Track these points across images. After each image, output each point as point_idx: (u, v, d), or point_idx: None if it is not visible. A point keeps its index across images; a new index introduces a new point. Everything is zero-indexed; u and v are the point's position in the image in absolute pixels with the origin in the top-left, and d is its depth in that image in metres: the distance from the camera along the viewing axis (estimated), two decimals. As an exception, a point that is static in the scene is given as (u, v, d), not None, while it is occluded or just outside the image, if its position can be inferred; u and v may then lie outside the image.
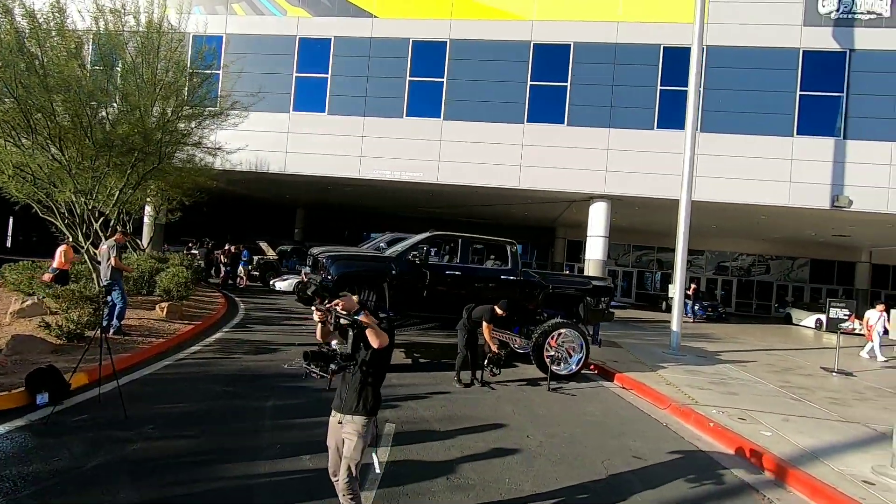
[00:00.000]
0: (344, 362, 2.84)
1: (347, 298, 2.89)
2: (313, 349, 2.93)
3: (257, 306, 13.49)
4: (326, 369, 2.85)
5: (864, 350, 12.62)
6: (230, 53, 14.17)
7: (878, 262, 25.19)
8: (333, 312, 2.80)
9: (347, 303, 2.86)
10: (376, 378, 3.02)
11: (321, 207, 27.88)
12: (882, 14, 14.34)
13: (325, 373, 2.86)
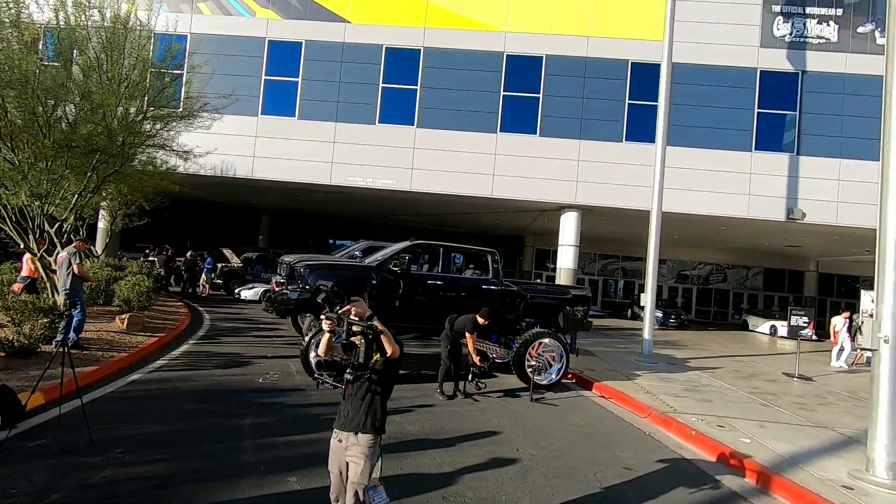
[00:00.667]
0: (358, 371, 2.69)
1: (360, 303, 2.75)
2: (326, 358, 2.76)
3: (223, 316, 12.94)
4: (340, 379, 2.69)
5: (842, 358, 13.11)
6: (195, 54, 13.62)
7: (824, 272, 26.69)
8: (346, 319, 2.66)
9: (360, 308, 2.72)
10: (385, 391, 2.87)
11: (287, 214, 27.21)
12: (830, 39, 15.28)
13: (338, 382, 2.70)
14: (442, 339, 6.99)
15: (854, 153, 15.02)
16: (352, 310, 2.73)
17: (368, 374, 2.75)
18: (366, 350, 2.74)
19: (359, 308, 2.73)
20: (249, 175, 15.88)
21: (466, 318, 6.94)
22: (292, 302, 7.05)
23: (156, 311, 11.36)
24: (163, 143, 9.17)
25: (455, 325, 6.96)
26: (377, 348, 2.77)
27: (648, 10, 15.50)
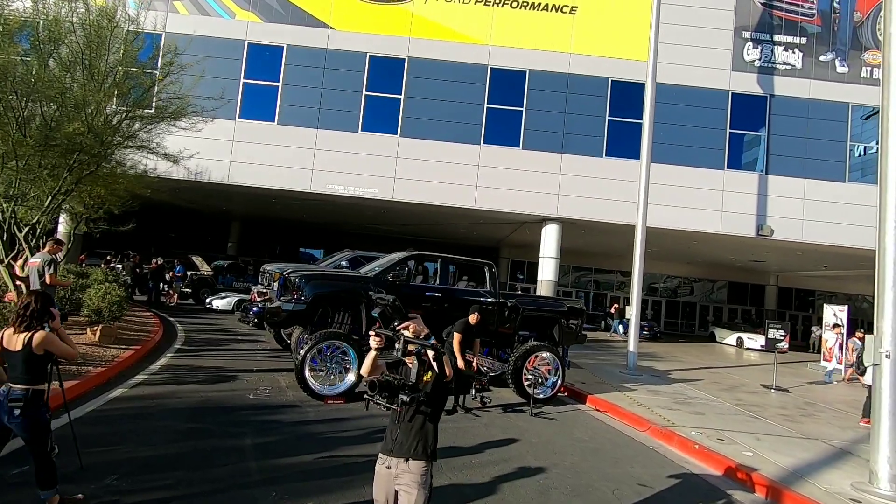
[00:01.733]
0: (413, 393, 2.52)
1: (418, 321, 2.59)
2: (379, 377, 2.58)
3: (196, 327, 12.35)
4: (394, 401, 2.51)
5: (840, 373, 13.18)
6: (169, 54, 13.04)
7: (783, 286, 27.96)
8: (402, 337, 2.50)
9: (418, 326, 2.56)
10: (435, 414, 2.71)
11: (258, 221, 26.46)
12: (795, 65, 16.13)
13: (391, 404, 2.52)
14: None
15: (817, 174, 15.84)
16: (410, 327, 2.57)
17: (421, 397, 2.59)
18: (418, 370, 2.58)
19: (417, 326, 2.58)
20: (225, 180, 15.34)
21: (458, 322, 6.82)
22: (286, 314, 6.74)
23: (126, 321, 10.71)
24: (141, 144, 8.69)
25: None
26: (428, 368, 2.62)
27: (627, 30, 15.97)
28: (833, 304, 16.12)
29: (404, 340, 2.51)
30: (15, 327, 3.12)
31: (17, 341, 3.08)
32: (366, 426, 5.74)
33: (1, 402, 3.05)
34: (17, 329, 3.11)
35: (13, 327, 3.13)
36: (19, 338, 3.09)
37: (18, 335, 3.10)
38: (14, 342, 3.09)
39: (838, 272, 24.08)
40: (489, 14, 15.93)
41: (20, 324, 3.11)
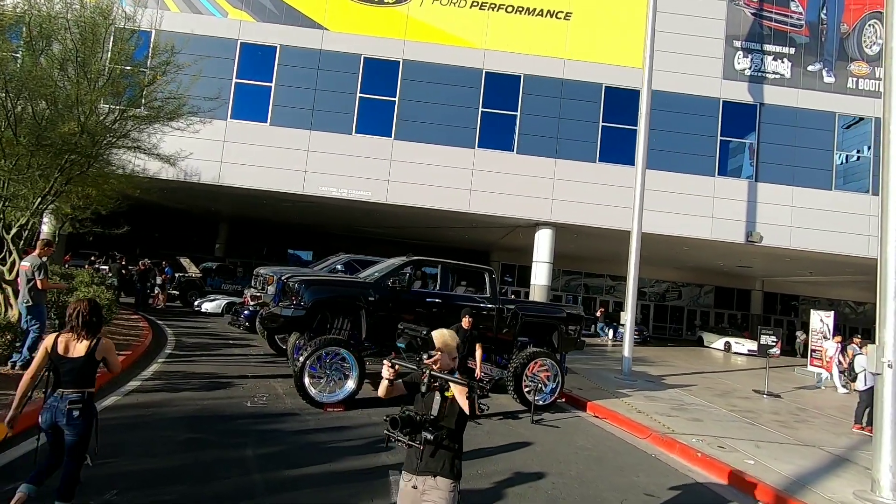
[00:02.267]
0: (437, 430, 2.44)
1: (444, 357, 2.51)
2: (400, 412, 2.49)
3: (186, 331, 12.11)
4: (416, 438, 2.43)
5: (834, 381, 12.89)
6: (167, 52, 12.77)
7: (768, 291, 28.42)
8: (428, 370, 2.42)
9: (444, 361, 2.48)
10: (459, 432, 2.63)
11: (247, 222, 26.13)
12: (784, 75, 16.41)
13: (413, 441, 2.44)
14: None
15: (805, 181, 16.12)
16: (436, 360, 2.50)
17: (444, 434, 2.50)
18: (440, 404, 2.49)
19: (444, 361, 2.51)
20: (216, 181, 15.11)
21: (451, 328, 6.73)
22: (285, 320, 6.62)
23: (114, 325, 10.46)
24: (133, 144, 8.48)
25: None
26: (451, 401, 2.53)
27: (621, 37, 16.11)
28: (819, 311, 16.38)
29: (431, 375, 2.43)
30: (77, 334, 3.11)
31: (79, 348, 3.10)
32: (368, 435, 5.65)
33: (56, 407, 3.04)
34: (81, 336, 3.11)
35: (73, 334, 3.12)
36: (82, 344, 3.11)
37: (81, 342, 3.12)
38: (75, 349, 3.10)
39: (821, 278, 24.55)
40: (484, 18, 15.94)
41: (85, 330, 3.12)
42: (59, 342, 3.11)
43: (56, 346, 3.10)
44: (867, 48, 16.61)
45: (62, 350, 3.10)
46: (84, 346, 3.12)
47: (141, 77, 7.84)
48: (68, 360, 3.09)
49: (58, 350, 3.09)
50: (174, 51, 8.31)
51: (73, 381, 3.09)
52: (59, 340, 3.12)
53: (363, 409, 6.68)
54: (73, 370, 3.09)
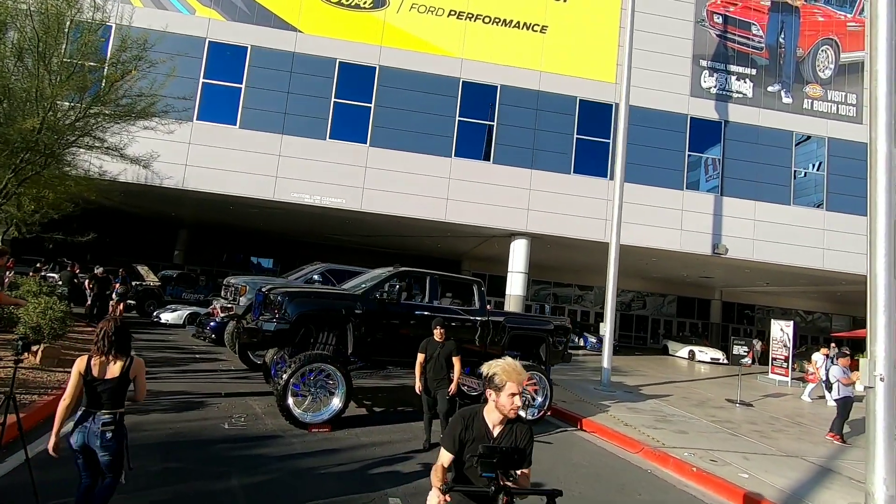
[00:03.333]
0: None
1: (525, 477, 2.27)
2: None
3: (147, 344, 11.33)
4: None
5: (805, 393, 13.00)
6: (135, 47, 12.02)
7: (726, 300, 29.54)
8: (510, 490, 2.09)
9: (525, 480, 2.25)
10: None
11: (209, 228, 25.04)
12: (746, 94, 17.16)
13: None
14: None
15: (767, 196, 16.83)
16: (522, 477, 2.28)
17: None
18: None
19: (524, 481, 2.29)
20: (180, 185, 14.36)
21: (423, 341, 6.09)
22: (267, 334, 6.21)
23: (68, 339, 9.64)
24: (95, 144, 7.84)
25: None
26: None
27: (594, 52, 16.44)
28: (780, 320, 17.05)
29: (510, 492, 2.12)
30: (107, 355, 3.08)
31: (112, 370, 3.08)
32: (361, 458, 5.33)
33: (88, 429, 3.02)
34: (112, 357, 3.08)
35: (104, 356, 3.08)
36: (116, 365, 3.09)
37: (115, 363, 3.09)
38: (109, 370, 3.08)
39: (776, 288, 25.73)
40: (462, 27, 15.93)
41: (117, 351, 3.10)
42: (93, 364, 3.07)
43: (90, 368, 3.06)
44: (820, 72, 17.60)
45: (96, 372, 3.06)
46: (118, 366, 3.09)
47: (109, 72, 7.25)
48: (101, 382, 3.06)
49: (92, 372, 3.05)
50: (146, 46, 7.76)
51: (105, 401, 3.06)
52: (93, 362, 3.07)
53: (350, 428, 6.34)
54: (105, 391, 3.06)
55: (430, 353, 5.94)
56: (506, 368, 2.36)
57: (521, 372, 2.38)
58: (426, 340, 6.00)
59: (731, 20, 17.21)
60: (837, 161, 17.34)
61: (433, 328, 5.98)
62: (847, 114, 17.57)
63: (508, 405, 2.34)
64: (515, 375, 2.35)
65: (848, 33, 17.82)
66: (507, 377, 2.34)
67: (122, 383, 3.10)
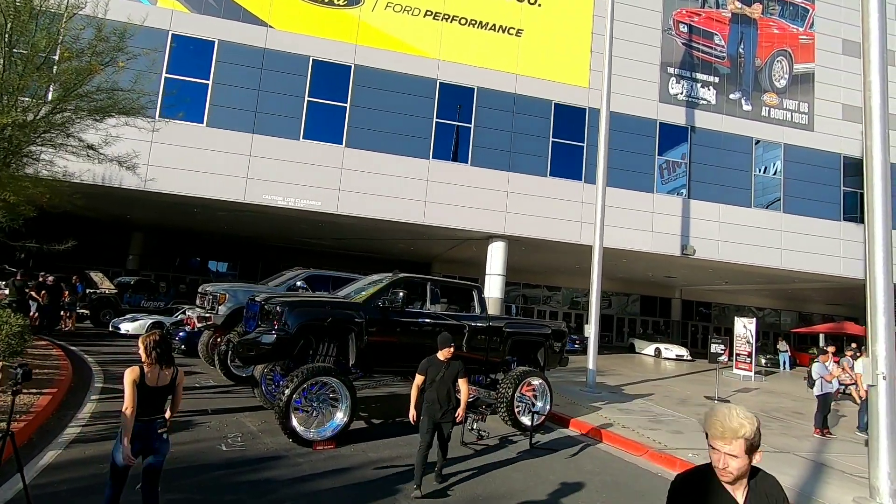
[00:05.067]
0: None
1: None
2: None
3: (110, 357, 10.53)
4: None
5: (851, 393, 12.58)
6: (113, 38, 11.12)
7: (686, 299, 30.74)
8: None
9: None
10: None
11: (166, 231, 23.71)
12: (710, 101, 17.87)
13: None
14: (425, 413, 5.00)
15: (730, 199, 17.57)
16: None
17: None
18: None
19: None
20: (141, 187, 13.45)
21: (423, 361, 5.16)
22: (267, 347, 5.81)
23: (27, 356, 8.77)
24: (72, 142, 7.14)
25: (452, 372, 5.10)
26: None
27: (569, 57, 16.67)
28: (743, 318, 17.83)
29: None
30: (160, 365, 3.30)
31: (164, 377, 3.31)
32: (374, 476, 5.07)
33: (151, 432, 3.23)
34: (164, 366, 3.32)
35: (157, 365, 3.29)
36: (167, 373, 3.33)
37: (166, 371, 3.33)
38: (161, 378, 3.30)
39: (733, 287, 26.99)
40: (438, 28, 15.77)
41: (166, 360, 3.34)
42: (148, 373, 3.25)
43: (144, 377, 3.23)
44: (776, 81, 18.56)
45: (151, 381, 3.25)
46: (169, 374, 3.34)
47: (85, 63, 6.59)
48: (153, 389, 3.26)
49: (146, 381, 3.24)
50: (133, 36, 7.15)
51: (156, 407, 3.28)
52: (148, 372, 3.26)
53: (354, 443, 6.05)
54: (157, 398, 3.29)
55: (431, 375, 4.99)
56: (709, 415, 1.83)
57: (727, 422, 1.73)
58: (427, 361, 5.06)
59: (696, 30, 17.89)
60: (792, 166, 18.34)
61: (440, 347, 5.04)
62: (800, 121, 18.61)
63: (715, 463, 1.76)
64: (718, 427, 1.74)
65: (800, 45, 18.89)
66: (707, 426, 1.80)
67: (169, 390, 3.35)
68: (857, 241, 18.72)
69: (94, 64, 6.51)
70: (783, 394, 14.33)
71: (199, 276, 27.84)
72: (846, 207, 18.78)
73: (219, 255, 28.68)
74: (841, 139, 18.95)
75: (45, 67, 5.76)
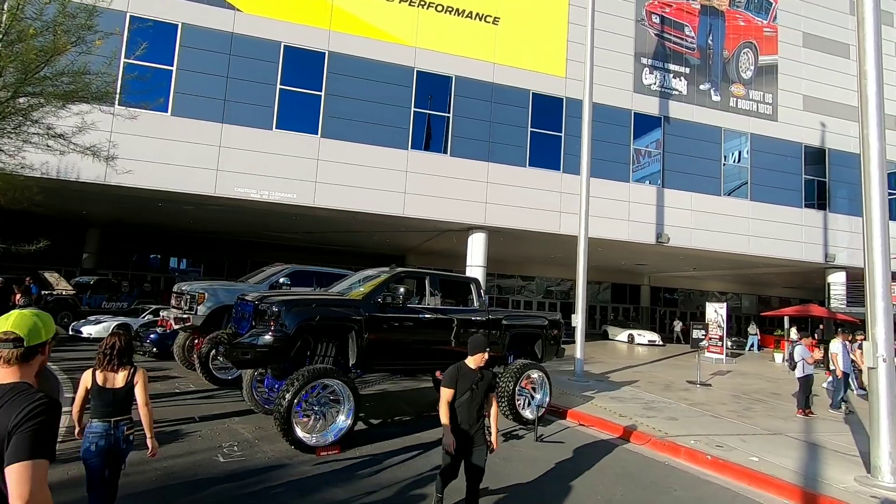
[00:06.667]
0: None
1: None
2: None
3: (74, 364, 9.82)
4: None
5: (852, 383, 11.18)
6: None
7: (654, 285, 31.59)
8: None
9: None
10: None
11: (124, 227, 22.44)
12: (682, 91, 18.20)
13: None
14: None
15: (701, 188, 18.02)
16: None
17: None
18: None
19: None
20: (101, 180, 12.59)
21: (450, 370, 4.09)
22: (264, 350, 5.46)
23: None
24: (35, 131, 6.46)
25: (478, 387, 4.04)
26: None
27: (545, 46, 16.60)
28: (714, 303, 18.41)
29: None
30: (111, 365, 3.26)
31: (117, 379, 3.27)
32: (387, 481, 4.84)
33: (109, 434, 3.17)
34: (114, 368, 3.27)
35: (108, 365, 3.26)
36: (120, 375, 3.27)
37: (118, 373, 3.27)
38: (113, 380, 3.26)
39: (699, 273, 27.90)
40: (414, 15, 15.36)
41: (120, 362, 3.29)
42: (98, 375, 3.24)
43: (95, 378, 3.24)
44: (742, 72, 19.09)
45: (103, 382, 3.23)
46: (122, 376, 3.28)
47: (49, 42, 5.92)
48: (107, 391, 3.22)
49: (98, 382, 3.23)
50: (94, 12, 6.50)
51: (113, 410, 3.21)
52: (98, 374, 3.25)
53: (358, 447, 5.79)
54: (111, 401, 3.22)
55: (462, 387, 3.94)
56: None
57: None
58: (455, 370, 4.00)
59: (667, 21, 18.14)
60: (758, 155, 18.96)
61: (473, 351, 4.02)
62: (765, 112, 19.23)
63: None
64: None
65: (764, 38, 19.47)
66: None
67: (127, 393, 3.27)
68: (818, 227, 19.63)
69: (64, 42, 5.88)
70: (755, 375, 14.89)
71: (160, 273, 26.59)
72: (807, 195, 19.61)
73: (181, 252, 27.46)
74: (801, 129, 19.72)
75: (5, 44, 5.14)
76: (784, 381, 13.78)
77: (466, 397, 3.96)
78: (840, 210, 20.02)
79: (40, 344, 1.68)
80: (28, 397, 1.52)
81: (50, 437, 1.49)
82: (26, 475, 1.39)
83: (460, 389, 3.97)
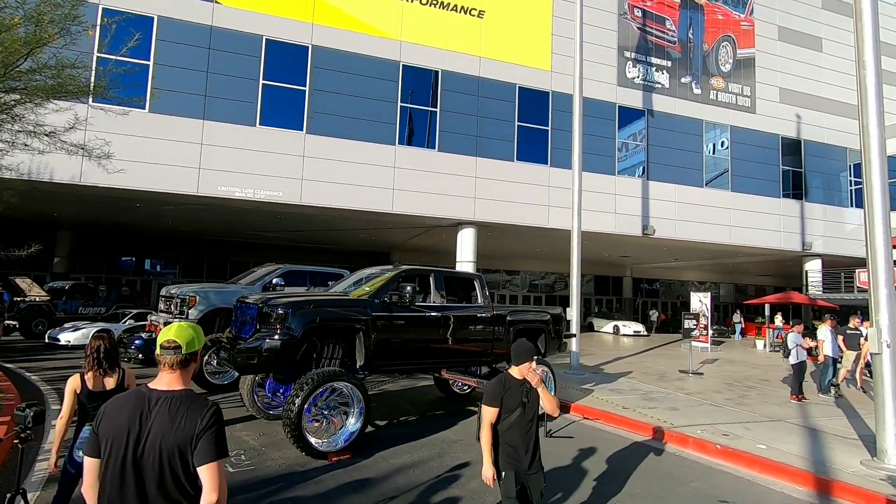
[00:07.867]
0: None
1: None
2: None
3: (57, 373, 9.38)
4: None
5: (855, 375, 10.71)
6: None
7: (636, 276, 32.07)
8: None
9: None
10: None
11: (98, 229, 21.62)
12: (664, 84, 18.41)
13: None
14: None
15: (685, 180, 18.30)
16: None
17: None
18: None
19: None
20: (75, 180, 12.10)
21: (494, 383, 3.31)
22: (270, 354, 5.25)
23: (-45, 379, 7.59)
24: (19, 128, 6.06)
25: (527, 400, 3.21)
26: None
27: (531, 39, 16.55)
28: (698, 292, 18.74)
29: None
30: (101, 370, 3.22)
31: (107, 382, 3.23)
32: (406, 485, 4.72)
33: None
34: (104, 371, 3.23)
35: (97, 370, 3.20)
36: (110, 378, 3.24)
37: (109, 376, 3.24)
38: (103, 383, 3.22)
39: (680, 263, 28.41)
40: (399, 8, 15.12)
41: (110, 365, 3.24)
42: (87, 379, 3.19)
43: (85, 383, 3.17)
44: (722, 66, 19.42)
45: (93, 386, 3.17)
46: (113, 379, 3.24)
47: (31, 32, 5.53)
48: (97, 395, 3.13)
49: (88, 387, 3.16)
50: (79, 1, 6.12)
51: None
52: (87, 378, 3.19)
53: (369, 450, 5.64)
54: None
55: (510, 402, 3.13)
56: None
57: None
58: (498, 383, 3.19)
59: (649, 14, 18.30)
60: (738, 147, 19.34)
61: (518, 360, 3.18)
62: (744, 104, 19.62)
63: None
64: None
65: (742, 31, 19.83)
66: None
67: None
68: (795, 216, 20.17)
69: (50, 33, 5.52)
70: (742, 362, 15.23)
71: (136, 276, 25.76)
72: (784, 185, 20.12)
73: (157, 253, 26.62)
74: (778, 121, 20.19)
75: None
76: (769, 367, 14.14)
77: (518, 415, 3.13)
78: (816, 199, 20.62)
79: (194, 352, 1.92)
80: (204, 403, 1.86)
81: (224, 438, 1.85)
82: (217, 471, 1.77)
83: (507, 406, 3.13)
